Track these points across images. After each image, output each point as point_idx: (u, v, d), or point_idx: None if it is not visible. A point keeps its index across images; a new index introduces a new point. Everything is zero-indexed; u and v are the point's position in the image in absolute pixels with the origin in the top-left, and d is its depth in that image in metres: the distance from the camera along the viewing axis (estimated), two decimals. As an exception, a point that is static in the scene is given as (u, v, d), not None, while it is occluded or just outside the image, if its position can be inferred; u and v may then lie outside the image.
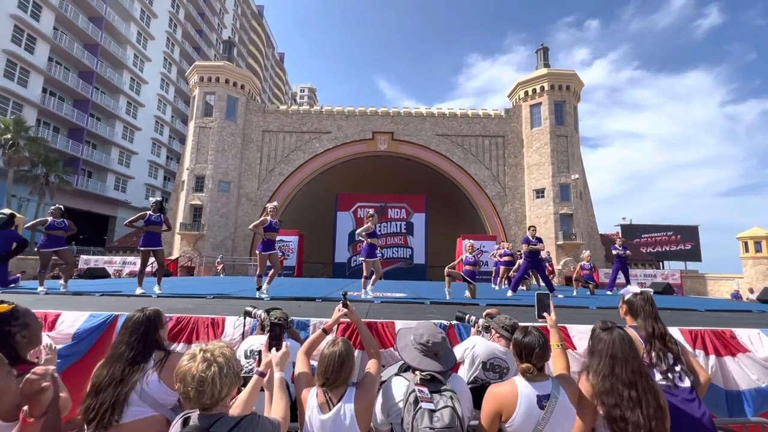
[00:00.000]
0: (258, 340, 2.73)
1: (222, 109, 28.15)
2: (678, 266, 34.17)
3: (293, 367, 2.59)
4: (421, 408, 1.70)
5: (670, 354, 2.12)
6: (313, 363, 2.23)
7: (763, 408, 3.27)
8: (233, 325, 3.51)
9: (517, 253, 12.51)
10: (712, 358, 3.48)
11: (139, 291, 6.15)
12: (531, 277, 11.74)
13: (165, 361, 1.96)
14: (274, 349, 1.93)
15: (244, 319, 3.33)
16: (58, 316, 3.58)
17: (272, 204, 6.91)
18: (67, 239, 7.05)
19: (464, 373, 2.58)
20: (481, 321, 2.85)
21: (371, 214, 7.32)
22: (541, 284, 11.49)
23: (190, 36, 47.49)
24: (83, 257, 23.49)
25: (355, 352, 2.87)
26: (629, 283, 10.23)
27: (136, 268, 7.16)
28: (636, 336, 2.19)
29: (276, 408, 1.71)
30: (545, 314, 2.38)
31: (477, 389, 2.20)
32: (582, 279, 10.76)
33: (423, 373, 1.86)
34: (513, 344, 2.02)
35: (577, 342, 3.54)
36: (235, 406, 1.61)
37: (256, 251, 6.64)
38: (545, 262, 15.32)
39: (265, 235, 6.47)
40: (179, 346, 3.42)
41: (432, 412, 1.69)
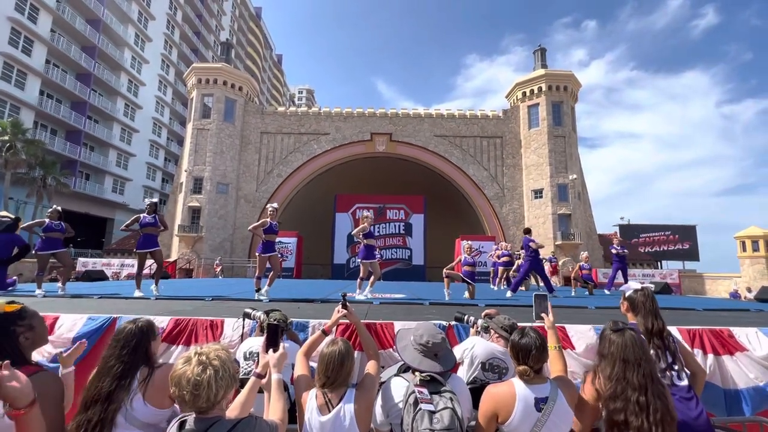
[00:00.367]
0: (257, 342, 2.72)
1: (220, 111, 28.13)
2: (676, 266, 34.28)
3: (292, 369, 2.59)
4: (420, 409, 1.70)
5: (668, 352, 2.13)
6: (313, 364, 2.23)
7: (762, 406, 3.28)
8: (232, 327, 3.50)
9: (516, 254, 12.53)
10: (710, 357, 3.48)
11: (138, 293, 6.14)
12: (530, 277, 11.75)
13: (149, 380, 1.83)
14: (271, 351, 1.91)
15: (243, 321, 3.33)
16: (56, 319, 3.56)
17: (272, 205, 6.89)
18: (65, 241, 7.02)
19: (463, 373, 2.58)
20: (480, 321, 2.85)
21: (366, 216, 7.33)
22: (540, 285, 11.52)
23: (188, 38, 47.47)
24: (81, 260, 23.41)
25: (355, 353, 2.87)
26: (628, 283, 10.28)
27: (134, 270, 7.13)
28: None
29: (273, 409, 1.70)
30: (543, 315, 2.37)
31: (476, 389, 2.20)
32: (581, 279, 10.78)
33: (423, 374, 1.86)
34: (510, 346, 1.98)
35: (576, 342, 3.55)
36: (233, 408, 1.59)
37: (256, 253, 6.63)
38: (549, 262, 15.38)
39: (264, 236, 6.46)
40: (178, 349, 3.41)
41: (432, 413, 1.68)
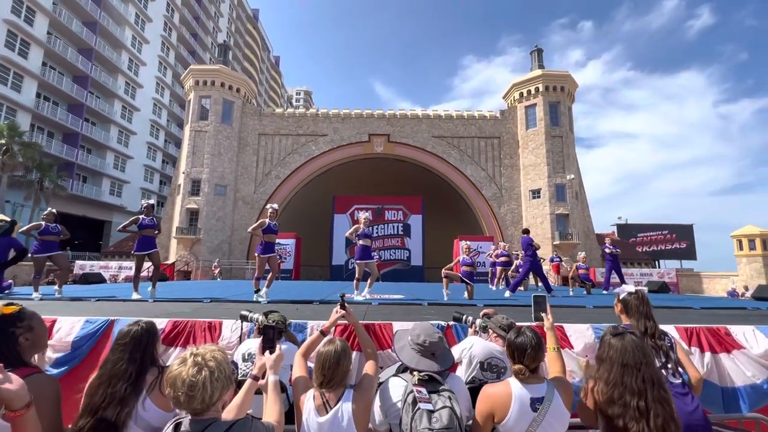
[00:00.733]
0: (255, 344, 2.71)
1: (218, 113, 28.10)
2: (673, 265, 34.39)
3: (290, 370, 2.59)
4: (419, 409, 1.70)
5: (662, 352, 2.16)
6: (311, 365, 2.23)
7: (759, 404, 3.29)
8: (230, 329, 3.50)
9: (515, 254, 12.55)
10: (708, 355, 3.50)
11: (135, 296, 6.12)
12: (528, 277, 11.77)
13: (160, 380, 1.84)
14: (267, 352, 1.90)
15: (241, 322, 3.33)
16: (53, 323, 3.54)
17: (272, 206, 6.88)
18: (61, 244, 6.99)
19: (462, 373, 2.58)
20: (478, 321, 2.85)
21: (366, 217, 7.37)
22: (539, 285, 11.53)
23: (185, 40, 47.41)
24: (79, 262, 23.31)
25: (353, 354, 2.87)
26: (623, 281, 10.32)
27: (132, 272, 7.11)
28: None
29: (270, 411, 1.69)
30: (543, 315, 2.38)
31: (475, 389, 2.21)
32: (578, 279, 10.82)
33: (421, 374, 1.86)
34: (506, 345, 1.98)
35: (574, 341, 3.56)
36: (229, 410, 1.59)
37: (256, 254, 6.61)
38: (551, 261, 15.37)
39: (264, 237, 6.45)
40: (176, 351, 3.40)
41: (430, 412, 1.68)
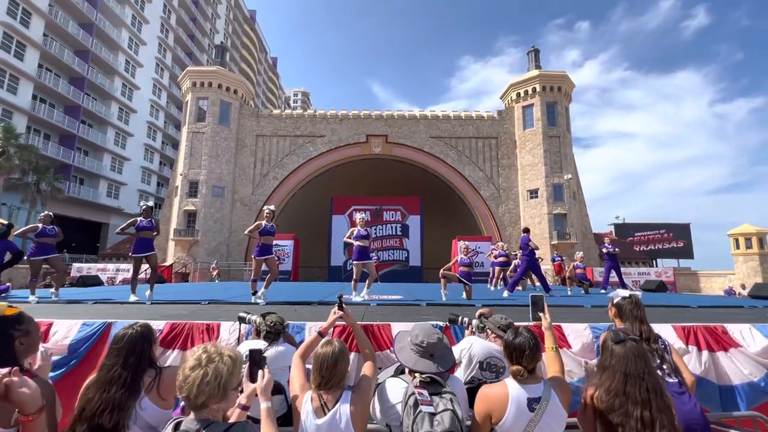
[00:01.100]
0: (253, 346, 2.71)
1: (215, 114, 28.05)
2: (671, 264, 34.53)
3: (288, 372, 2.58)
4: (421, 411, 1.68)
5: (656, 354, 2.16)
6: (309, 367, 2.22)
7: (756, 402, 3.31)
8: (228, 331, 3.49)
9: (513, 254, 12.57)
10: (705, 353, 3.51)
11: (133, 298, 6.08)
12: (526, 277, 11.79)
13: (158, 380, 1.85)
14: (259, 377, 1.71)
15: (239, 324, 3.32)
16: (50, 326, 3.53)
17: (269, 207, 6.86)
18: (58, 246, 6.96)
19: (461, 373, 2.58)
20: (475, 322, 2.85)
21: (361, 218, 7.38)
22: (537, 284, 11.55)
23: (182, 41, 47.33)
24: (76, 265, 23.22)
25: (351, 355, 2.87)
26: (622, 280, 10.35)
27: (129, 275, 7.08)
28: None
29: None
30: (541, 315, 2.38)
31: (474, 389, 2.20)
32: (576, 278, 10.84)
33: (423, 376, 1.84)
34: (504, 345, 1.98)
35: (572, 341, 3.57)
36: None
37: (252, 256, 6.60)
38: (553, 261, 15.37)
39: (260, 239, 6.43)
40: (174, 353, 3.39)
41: (432, 415, 1.67)
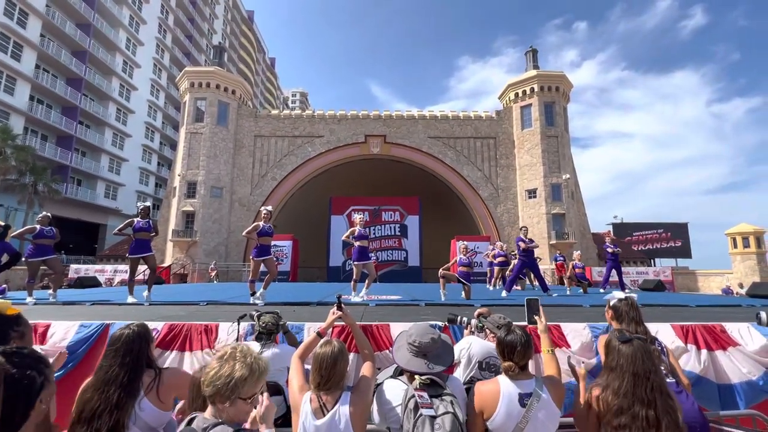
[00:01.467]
0: (252, 347, 2.71)
1: (213, 115, 28.00)
2: (669, 263, 34.59)
3: (287, 372, 2.57)
4: (421, 415, 1.66)
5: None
6: (308, 367, 2.21)
7: (755, 400, 3.31)
8: (227, 331, 3.48)
9: (511, 253, 12.58)
10: (704, 352, 3.52)
11: (131, 299, 6.07)
12: (525, 277, 11.81)
13: (158, 381, 1.85)
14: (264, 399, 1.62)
15: (238, 324, 3.31)
16: (48, 327, 3.51)
17: (266, 208, 6.86)
18: (55, 248, 6.93)
19: (461, 373, 2.58)
20: (474, 322, 2.85)
21: (360, 218, 7.38)
22: (536, 284, 11.57)
23: (180, 42, 47.24)
24: (73, 266, 23.12)
25: (350, 356, 2.86)
26: (622, 281, 10.38)
27: (127, 276, 7.07)
28: None
29: None
30: (536, 318, 2.41)
31: (471, 389, 2.21)
32: (575, 278, 10.85)
33: (423, 378, 1.82)
34: (497, 343, 2.02)
35: (571, 340, 3.57)
36: None
37: (250, 257, 6.59)
38: (555, 260, 15.38)
39: (258, 240, 6.42)
40: (172, 354, 3.38)
41: (433, 418, 1.65)
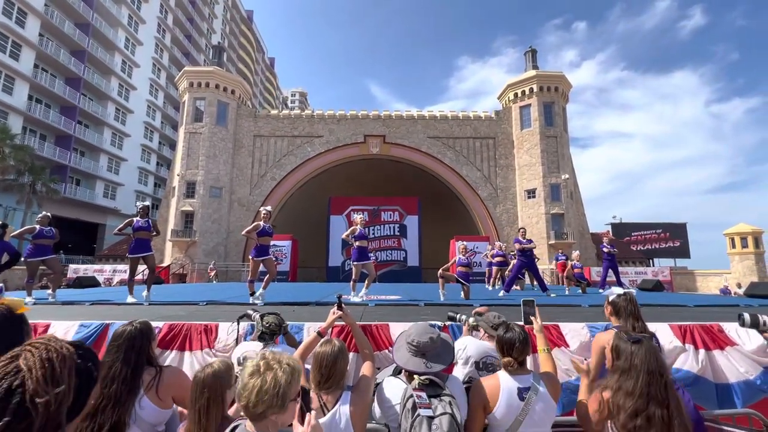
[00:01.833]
0: (252, 347, 2.72)
1: (212, 115, 27.98)
2: (668, 263, 34.65)
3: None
4: (419, 415, 1.66)
5: None
6: (308, 367, 2.22)
7: (752, 400, 3.33)
8: (227, 331, 3.48)
9: (510, 253, 12.61)
10: (702, 352, 3.54)
11: (130, 299, 6.07)
12: (524, 277, 11.82)
13: (158, 379, 1.87)
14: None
15: (238, 324, 3.32)
16: (47, 327, 3.52)
17: (265, 208, 6.86)
18: (54, 248, 6.92)
19: (458, 373, 2.59)
20: (470, 320, 2.87)
21: (361, 218, 7.39)
22: (534, 284, 11.58)
23: (179, 41, 47.19)
24: (72, 266, 23.08)
25: (350, 355, 2.87)
26: (619, 280, 10.40)
27: (126, 276, 7.08)
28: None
29: None
30: (532, 319, 2.47)
31: (470, 389, 2.22)
32: (573, 278, 10.87)
33: (421, 378, 1.83)
34: (496, 340, 2.09)
35: (570, 340, 3.58)
36: None
37: (249, 257, 6.60)
38: (557, 260, 15.38)
39: (258, 240, 6.42)
40: (172, 354, 3.38)
41: (431, 419, 1.65)
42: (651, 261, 34.29)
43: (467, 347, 2.60)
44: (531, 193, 27.48)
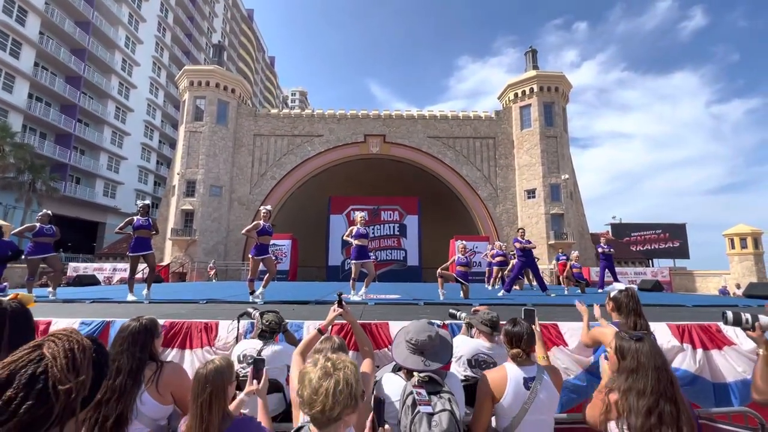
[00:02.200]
0: (251, 345, 2.73)
1: (212, 113, 27.98)
2: (667, 263, 34.68)
3: (287, 370, 2.60)
4: (419, 412, 1.66)
5: None
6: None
7: (749, 399, 3.33)
8: (227, 329, 3.50)
9: (510, 253, 12.63)
10: (700, 351, 3.55)
11: (131, 297, 6.08)
12: (524, 277, 11.85)
13: (159, 374, 1.91)
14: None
15: (238, 322, 3.34)
16: (49, 325, 3.53)
17: (265, 207, 6.86)
18: (55, 246, 6.93)
19: (453, 371, 2.61)
20: (465, 317, 2.90)
21: (362, 217, 7.40)
22: (534, 284, 11.60)
23: (180, 40, 47.15)
24: (72, 264, 23.09)
25: (350, 354, 2.89)
26: (617, 280, 10.42)
27: (126, 274, 7.09)
28: None
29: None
30: (532, 327, 2.49)
31: (466, 387, 2.24)
32: (573, 278, 10.89)
33: (421, 375, 1.84)
34: (504, 333, 2.22)
35: (569, 339, 3.60)
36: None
37: (249, 255, 6.61)
38: (558, 260, 15.39)
39: (258, 239, 6.44)
40: (173, 352, 3.40)
41: (430, 416, 1.66)
42: (650, 261, 34.33)
43: (459, 346, 2.64)
44: (531, 193, 27.49)
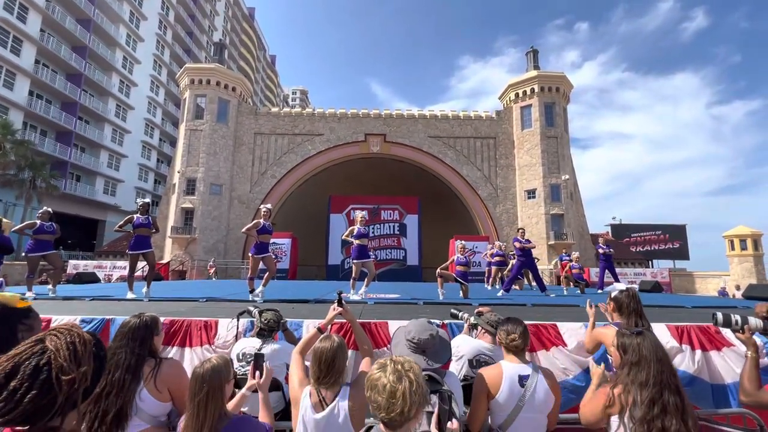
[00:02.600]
0: (251, 343, 2.73)
1: (213, 112, 27.97)
2: (667, 265, 34.68)
3: (286, 369, 2.61)
4: None
5: None
6: (308, 363, 2.24)
7: (748, 400, 3.35)
8: (226, 328, 3.50)
9: (510, 253, 12.63)
10: (698, 352, 3.55)
11: (130, 295, 6.09)
12: (523, 277, 11.85)
13: (157, 371, 1.92)
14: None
15: (237, 321, 3.34)
16: (49, 322, 3.54)
17: (266, 206, 6.87)
18: (55, 243, 6.94)
19: (452, 370, 2.62)
20: (471, 318, 2.90)
21: (362, 216, 7.40)
22: (533, 284, 11.61)
23: (181, 38, 47.12)
24: (72, 262, 23.09)
25: (349, 353, 2.89)
26: (617, 280, 10.42)
27: (126, 272, 7.10)
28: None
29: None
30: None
31: (466, 386, 2.25)
32: (572, 278, 10.90)
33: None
34: (500, 329, 2.29)
35: (568, 339, 3.61)
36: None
37: (249, 254, 6.62)
38: (560, 260, 15.37)
39: (258, 237, 6.44)
40: (173, 350, 3.40)
41: (430, 414, 1.65)
42: (650, 262, 34.34)
43: (460, 346, 2.65)
44: (531, 194, 27.49)
